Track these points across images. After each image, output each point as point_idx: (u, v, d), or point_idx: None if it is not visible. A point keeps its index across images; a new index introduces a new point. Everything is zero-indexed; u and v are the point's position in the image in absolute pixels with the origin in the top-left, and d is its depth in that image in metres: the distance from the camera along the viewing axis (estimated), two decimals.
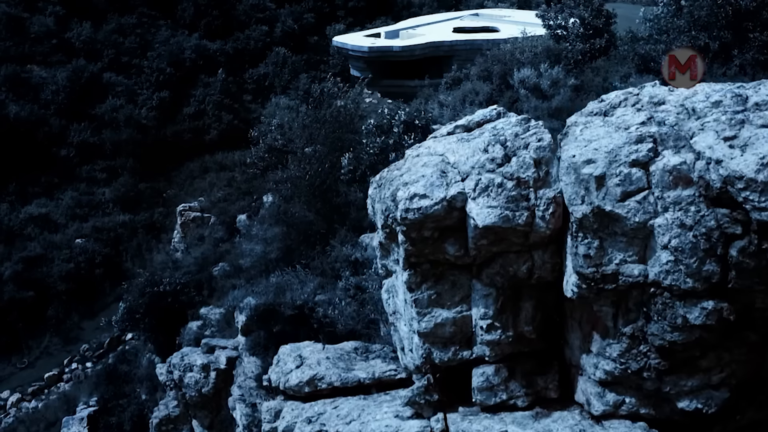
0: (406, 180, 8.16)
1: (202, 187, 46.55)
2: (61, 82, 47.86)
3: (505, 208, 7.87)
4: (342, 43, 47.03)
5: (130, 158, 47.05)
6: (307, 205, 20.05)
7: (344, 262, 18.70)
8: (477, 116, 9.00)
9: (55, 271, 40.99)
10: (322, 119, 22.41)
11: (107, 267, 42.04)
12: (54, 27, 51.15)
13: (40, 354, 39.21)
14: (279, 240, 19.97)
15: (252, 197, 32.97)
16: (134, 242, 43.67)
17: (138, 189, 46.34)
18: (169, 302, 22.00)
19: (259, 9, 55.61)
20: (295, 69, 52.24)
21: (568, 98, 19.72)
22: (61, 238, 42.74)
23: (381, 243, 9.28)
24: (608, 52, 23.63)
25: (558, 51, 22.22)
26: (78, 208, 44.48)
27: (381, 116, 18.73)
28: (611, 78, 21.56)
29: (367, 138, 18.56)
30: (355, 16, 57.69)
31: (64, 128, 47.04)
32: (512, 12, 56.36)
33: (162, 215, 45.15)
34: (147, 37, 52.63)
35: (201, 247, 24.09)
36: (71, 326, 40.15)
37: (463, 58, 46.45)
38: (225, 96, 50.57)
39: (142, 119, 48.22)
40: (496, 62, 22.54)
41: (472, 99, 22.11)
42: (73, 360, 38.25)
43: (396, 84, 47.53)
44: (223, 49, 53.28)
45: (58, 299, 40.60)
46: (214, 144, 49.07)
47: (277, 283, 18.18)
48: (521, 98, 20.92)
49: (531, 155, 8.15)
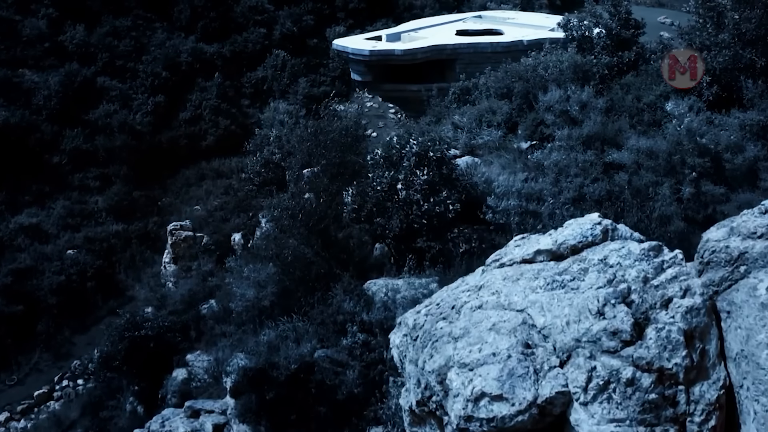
0: (465, 355, 4.90)
1: (198, 195, 43.99)
2: (53, 87, 44.67)
3: (638, 422, 4.37)
4: (342, 46, 44.24)
5: (124, 165, 43.97)
6: (305, 241, 17.02)
7: (348, 314, 15.78)
8: (570, 235, 5.62)
9: (45, 283, 38.18)
10: (323, 143, 19.45)
11: (100, 279, 39.26)
12: (47, 30, 47.90)
13: (30, 371, 36.78)
14: (273, 283, 16.96)
15: (248, 214, 30.28)
16: (128, 253, 40.81)
17: (132, 197, 43.33)
18: (152, 347, 18.99)
19: (258, 11, 52.33)
20: (294, 72, 49.16)
21: (600, 123, 16.67)
22: (52, 249, 39.84)
23: (413, 410, 5.89)
24: (637, 66, 20.57)
25: (586, 67, 19.13)
26: (70, 217, 41.45)
27: (389, 146, 15.65)
28: (645, 97, 18.50)
29: (373, 171, 15.53)
30: (355, 17, 54.55)
31: (57, 134, 43.91)
32: (516, 14, 53.48)
33: (156, 225, 42.26)
34: (142, 40, 49.38)
35: (189, 282, 21.03)
36: (62, 341, 37.40)
37: (467, 62, 43.93)
38: (222, 100, 47.48)
39: (137, 125, 45.08)
40: (517, 78, 19.43)
41: (489, 119, 19.04)
42: (63, 377, 35.68)
43: (398, 88, 45.11)
44: (221, 52, 50.07)
45: (48, 313, 37.81)
46: (210, 150, 46.07)
47: (269, 341, 15.22)
48: (546, 121, 17.87)
49: (678, 324, 4.73)
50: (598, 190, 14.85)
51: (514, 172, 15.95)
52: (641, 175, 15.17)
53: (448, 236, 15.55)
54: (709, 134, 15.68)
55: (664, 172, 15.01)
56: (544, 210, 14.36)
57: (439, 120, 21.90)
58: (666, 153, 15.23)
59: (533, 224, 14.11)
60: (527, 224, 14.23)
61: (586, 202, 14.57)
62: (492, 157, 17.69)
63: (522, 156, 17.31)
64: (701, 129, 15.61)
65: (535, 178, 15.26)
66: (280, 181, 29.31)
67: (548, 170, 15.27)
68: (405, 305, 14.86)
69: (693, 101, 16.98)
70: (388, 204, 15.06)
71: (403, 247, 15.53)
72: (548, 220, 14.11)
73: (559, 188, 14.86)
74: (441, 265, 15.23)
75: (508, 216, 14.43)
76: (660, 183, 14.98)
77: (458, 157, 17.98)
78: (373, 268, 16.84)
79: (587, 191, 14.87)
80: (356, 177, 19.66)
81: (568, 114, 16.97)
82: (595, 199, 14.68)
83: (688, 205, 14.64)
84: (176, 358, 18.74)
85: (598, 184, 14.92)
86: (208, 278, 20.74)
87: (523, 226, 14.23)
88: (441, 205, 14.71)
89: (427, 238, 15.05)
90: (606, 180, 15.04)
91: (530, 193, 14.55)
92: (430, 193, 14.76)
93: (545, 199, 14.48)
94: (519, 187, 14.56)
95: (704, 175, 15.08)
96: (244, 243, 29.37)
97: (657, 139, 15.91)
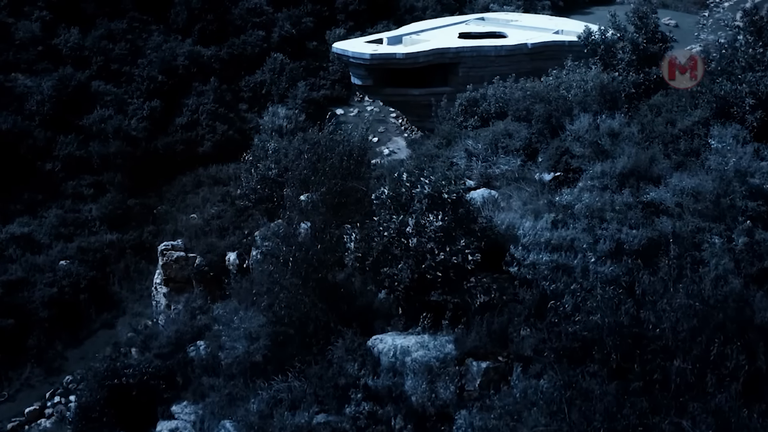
0: None
1: (195, 203, 41.68)
2: (46, 92, 42.25)
3: None
4: (342, 50, 41.92)
5: (119, 172, 41.56)
6: (301, 290, 14.62)
7: (350, 377, 13.47)
8: None
9: (37, 296, 35.96)
10: (321, 170, 17.10)
11: (93, 291, 37.03)
12: (40, 33, 45.46)
13: (21, 386, 34.69)
14: (266, 335, 14.63)
15: (243, 232, 28.01)
16: (122, 264, 38.62)
17: (127, 205, 40.96)
18: (135, 395, 16.67)
19: (256, 13, 49.78)
20: (293, 76, 46.74)
21: (635, 155, 14.26)
22: (45, 259, 37.54)
23: None
24: (666, 85, 18.16)
25: (612, 88, 16.69)
26: (63, 226, 39.11)
27: (397, 184, 13.23)
28: (679, 122, 16.09)
29: (379, 213, 13.12)
30: (355, 20, 52.10)
31: (50, 141, 41.53)
32: (519, 16, 51.21)
33: (152, 234, 39.99)
34: (138, 43, 46.88)
35: (177, 321, 18.68)
36: (54, 356, 35.25)
37: (470, 66, 42.05)
38: (219, 105, 45.02)
39: (132, 130, 42.65)
40: (537, 100, 16.99)
41: (505, 144, 16.63)
42: (55, 393, 33.61)
43: (399, 93, 43.15)
44: (218, 55, 47.58)
45: (40, 327, 35.54)
46: (207, 156, 43.66)
47: (260, 410, 12.93)
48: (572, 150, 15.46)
49: None
50: (638, 239, 12.48)
51: (539, 214, 13.57)
52: (685, 220, 12.83)
53: (465, 285, 13.17)
54: (760, 172, 13.34)
55: (712, 217, 12.69)
56: (576, 264, 12.01)
57: (449, 142, 19.48)
58: (713, 194, 12.90)
59: (566, 282, 11.77)
60: (558, 280, 11.89)
61: (625, 251, 12.24)
62: (511, 190, 15.34)
63: (545, 189, 14.96)
64: (751, 167, 13.27)
65: (563, 222, 12.89)
66: (277, 199, 27.01)
67: (579, 213, 12.91)
68: (417, 370, 12.57)
69: (737, 130, 14.59)
70: (398, 251, 12.68)
71: (414, 299, 13.17)
72: (582, 277, 11.79)
73: (594, 236, 12.51)
74: (458, 321, 12.91)
75: (535, 270, 12.08)
76: (707, 229, 12.64)
77: (473, 189, 15.65)
78: (379, 315, 14.50)
79: (625, 239, 12.50)
80: (359, 205, 17.38)
81: (598, 145, 14.58)
82: (635, 249, 12.35)
83: (740, 256, 12.30)
84: (161, 408, 16.45)
85: (638, 231, 12.56)
86: (197, 315, 18.44)
87: (555, 283, 11.90)
88: (458, 255, 12.34)
89: (442, 291, 12.69)
90: (647, 226, 12.69)
91: (560, 243, 12.21)
92: (445, 241, 12.38)
93: (578, 250, 12.13)
94: (548, 237, 12.21)
95: (757, 220, 12.75)
96: (239, 263, 27.11)
97: (701, 177, 13.54)
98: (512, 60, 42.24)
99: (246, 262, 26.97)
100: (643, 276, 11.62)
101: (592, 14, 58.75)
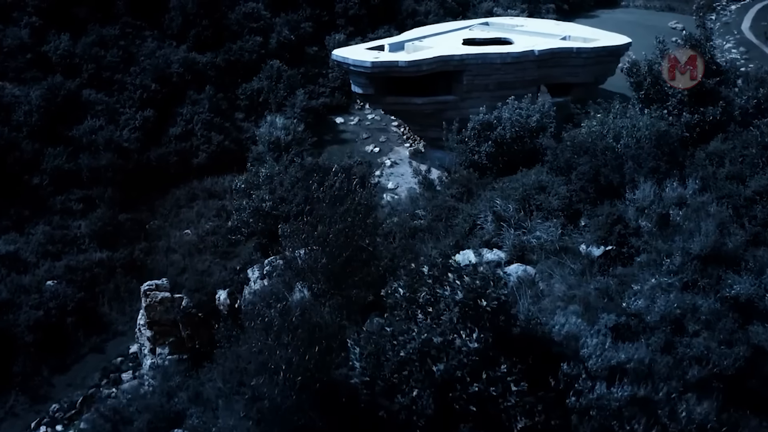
0: None
1: (189, 218, 38.45)
2: (35, 101, 38.65)
3: None
4: (342, 57, 38.45)
5: (110, 186, 38.04)
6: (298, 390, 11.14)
7: None
8: None
9: (22, 319, 32.63)
10: (322, 237, 13.63)
11: (81, 313, 33.60)
12: (29, 40, 41.78)
13: (5, 415, 31.65)
14: None
15: (235, 268, 24.69)
16: (111, 284, 35.15)
17: (117, 221, 37.45)
18: None
19: (253, 18, 46.02)
20: (291, 84, 43.14)
21: (714, 232, 10.69)
22: (31, 279, 34.13)
23: None
24: (726, 128, 14.60)
25: (671, 138, 13.09)
26: (50, 244, 35.64)
27: (417, 279, 9.64)
28: (752, 181, 12.56)
29: (390, 317, 9.57)
30: (356, 25, 48.47)
31: (38, 153, 37.96)
32: (524, 21, 47.70)
33: (143, 251, 36.53)
34: (131, 50, 43.17)
35: (152, 400, 15.22)
36: (40, 383, 31.88)
37: (475, 74, 38.78)
38: (215, 114, 41.45)
39: (124, 141, 39.11)
40: (579, 150, 13.37)
41: (539, 202, 13.05)
42: (41, 423, 30.48)
43: (401, 101, 39.89)
44: (214, 62, 43.92)
45: (25, 352, 32.22)
46: (202, 168, 40.28)
47: None
48: (626, 217, 11.89)
49: None
50: (732, 359, 9.01)
51: (589, 305, 10.10)
52: None
53: (501, 405, 9.68)
54: None
55: None
56: (660, 399, 8.50)
57: (469, 192, 15.85)
58: None
59: (646, 424, 8.27)
60: (637, 423, 8.36)
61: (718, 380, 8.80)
62: (550, 265, 11.87)
63: (593, 267, 11.50)
64: None
65: (632, 330, 9.40)
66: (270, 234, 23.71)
67: (652, 322, 9.42)
68: None
69: None
70: (419, 374, 9.21)
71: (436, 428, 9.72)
72: (668, 419, 8.30)
73: (675, 356, 9.02)
74: None
75: (604, 407, 8.58)
76: None
77: (507, 264, 12.14)
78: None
79: (716, 359, 9.03)
80: (366, 268, 13.98)
81: (668, 219, 11.05)
82: (730, 374, 8.90)
83: None
84: None
85: (734, 349, 9.10)
86: (174, 397, 15.03)
87: (629, 425, 8.42)
88: (498, 384, 8.86)
89: (474, 425, 9.23)
90: (744, 342, 9.23)
91: (636, 369, 8.74)
92: (481, 365, 8.90)
93: (657, 380, 8.66)
94: (619, 359, 8.71)
95: None
96: (230, 303, 23.74)
97: None
98: (518, 67, 39.15)
99: (237, 302, 23.70)
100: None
101: (597, 18, 55.22)
